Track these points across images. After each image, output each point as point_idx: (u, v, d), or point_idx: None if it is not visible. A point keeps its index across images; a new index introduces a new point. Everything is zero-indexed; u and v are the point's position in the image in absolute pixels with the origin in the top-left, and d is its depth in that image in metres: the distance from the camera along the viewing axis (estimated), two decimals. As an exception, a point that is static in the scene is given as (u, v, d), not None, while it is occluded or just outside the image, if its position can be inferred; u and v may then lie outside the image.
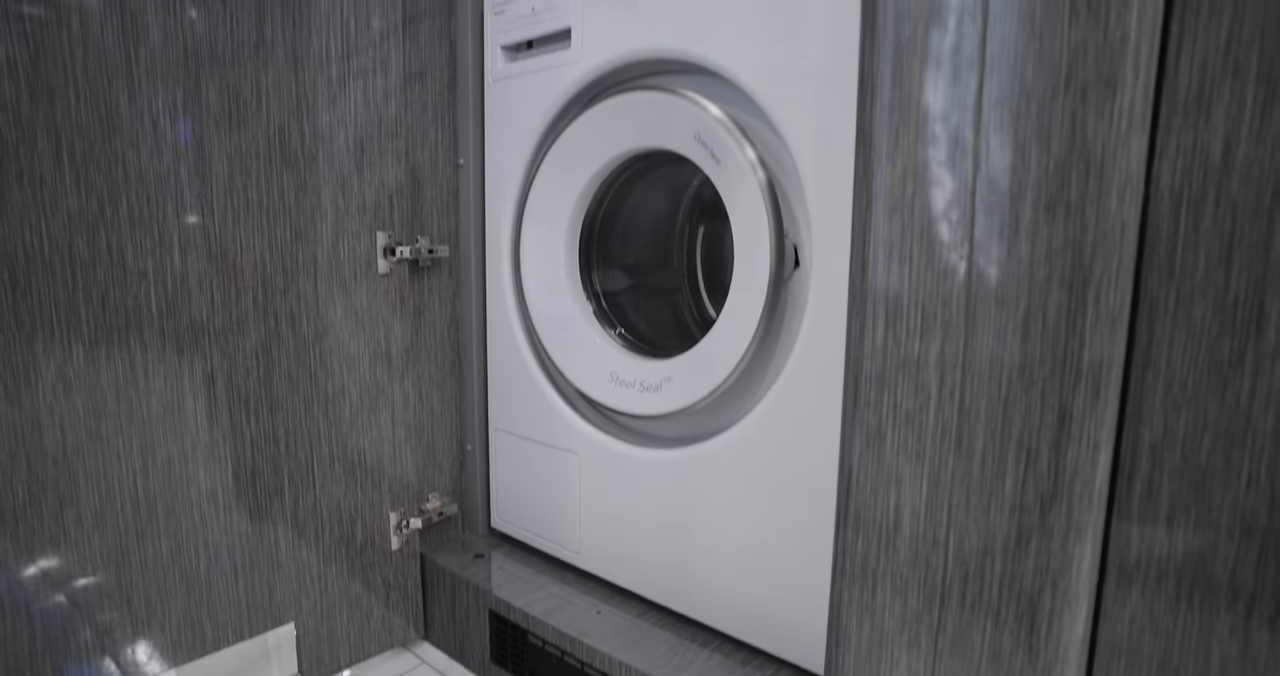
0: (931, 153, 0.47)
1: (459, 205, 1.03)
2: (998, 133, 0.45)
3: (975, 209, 0.46)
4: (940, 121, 0.47)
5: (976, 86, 0.45)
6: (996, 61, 0.44)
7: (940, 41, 0.46)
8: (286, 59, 0.82)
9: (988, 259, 0.46)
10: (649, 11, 0.79)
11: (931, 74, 0.47)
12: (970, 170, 0.46)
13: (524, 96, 0.94)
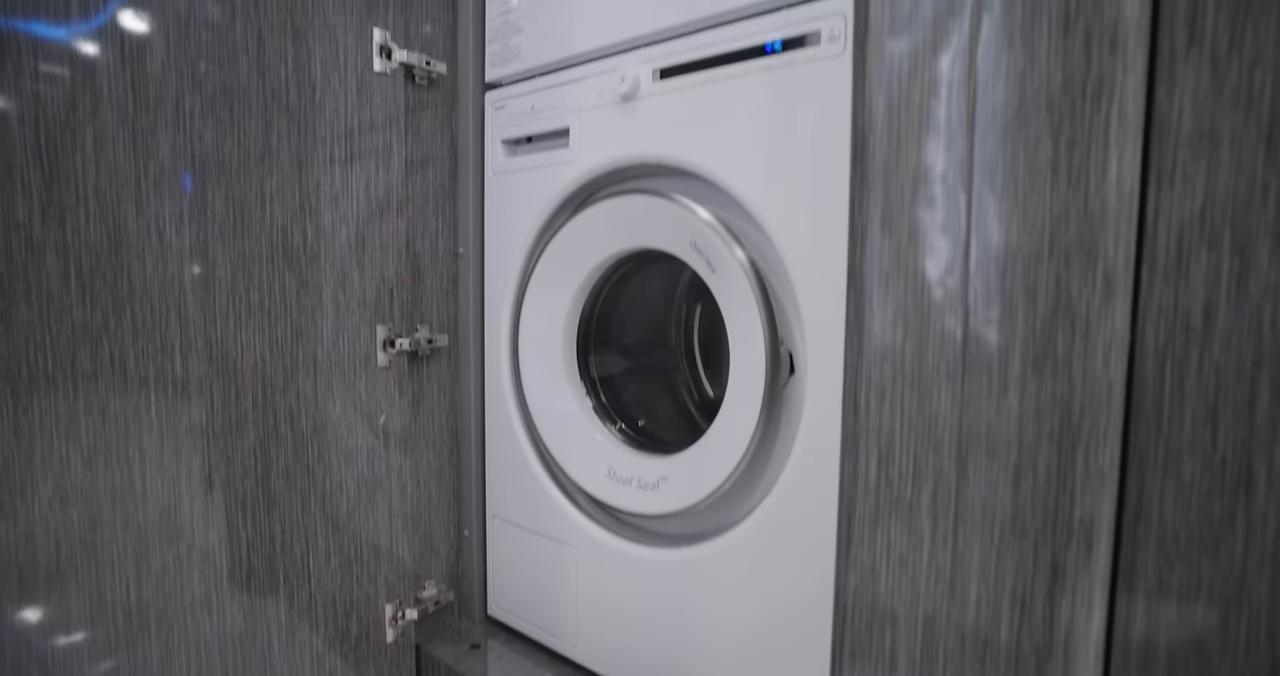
0: (922, 302, 0.48)
1: (458, 294, 1.04)
2: (985, 289, 0.46)
3: (965, 360, 0.47)
4: (930, 273, 0.48)
5: (964, 243, 0.47)
6: (983, 222, 0.46)
7: (928, 201, 0.48)
8: (291, 164, 0.84)
9: (978, 411, 0.46)
10: (645, 119, 0.81)
11: (920, 232, 0.48)
12: (960, 322, 0.47)
13: (523, 191, 0.96)
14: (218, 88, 0.78)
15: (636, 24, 0.82)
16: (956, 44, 0.46)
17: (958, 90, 0.46)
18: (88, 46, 0.69)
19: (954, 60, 0.46)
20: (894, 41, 0.48)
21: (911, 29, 0.48)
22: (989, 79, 0.45)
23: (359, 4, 0.90)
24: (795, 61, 0.69)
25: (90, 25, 0.69)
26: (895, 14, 0.49)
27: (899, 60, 0.48)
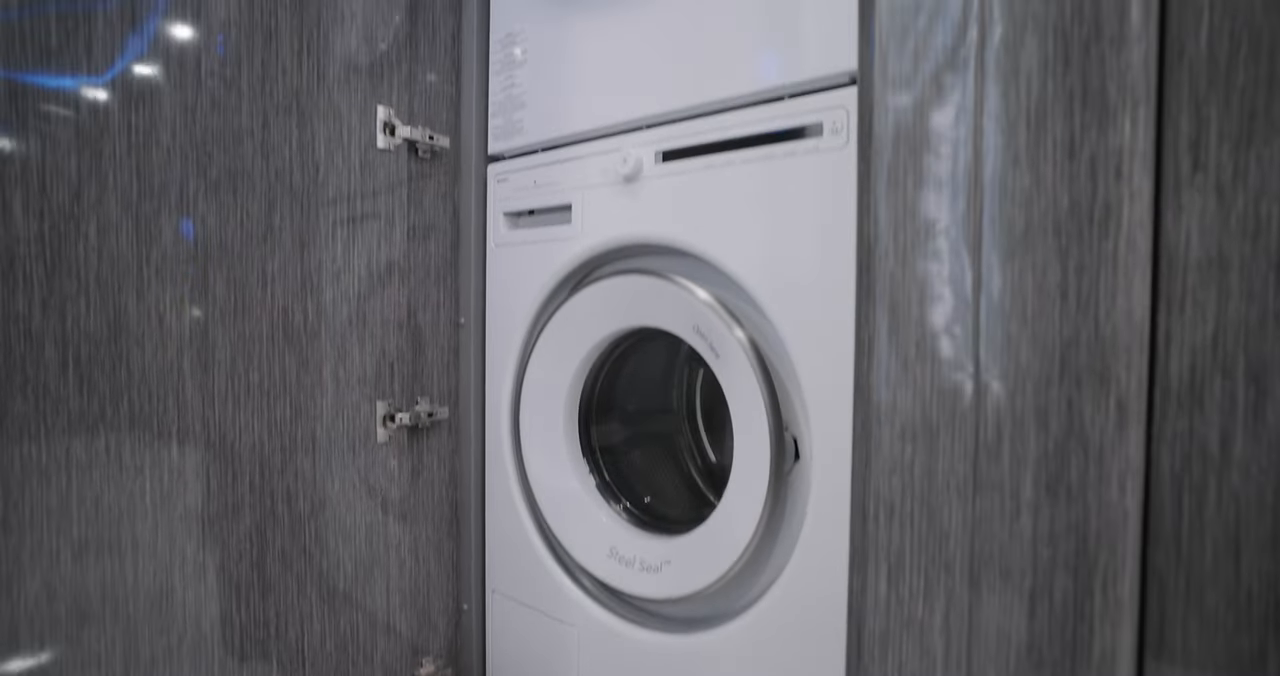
0: (930, 418, 0.47)
1: (459, 365, 1.04)
2: (995, 408, 0.45)
3: (976, 479, 0.46)
4: (939, 388, 0.47)
5: (973, 360, 0.46)
6: (991, 341, 0.45)
7: (936, 316, 0.47)
8: (294, 244, 0.84)
9: (990, 532, 0.45)
10: (647, 200, 0.81)
11: (928, 346, 0.47)
12: (970, 440, 0.46)
13: (525, 263, 0.96)
14: (222, 171, 0.78)
15: (640, 106, 0.82)
16: (963, 158, 0.46)
17: (963, 205, 0.46)
18: (96, 137, 0.69)
19: (959, 175, 0.46)
20: (898, 155, 0.48)
21: (915, 143, 0.48)
22: (994, 197, 0.45)
23: (364, 83, 0.91)
24: (797, 151, 0.69)
25: (98, 114, 0.69)
26: (899, 123, 0.49)
27: (904, 173, 0.48)
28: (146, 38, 0.72)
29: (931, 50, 0.47)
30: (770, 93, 0.72)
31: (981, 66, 0.45)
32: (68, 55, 0.67)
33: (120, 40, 0.70)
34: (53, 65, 0.66)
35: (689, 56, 0.78)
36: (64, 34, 0.67)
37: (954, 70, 0.46)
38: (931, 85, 0.47)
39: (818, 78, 0.68)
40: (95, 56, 0.69)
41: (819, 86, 0.69)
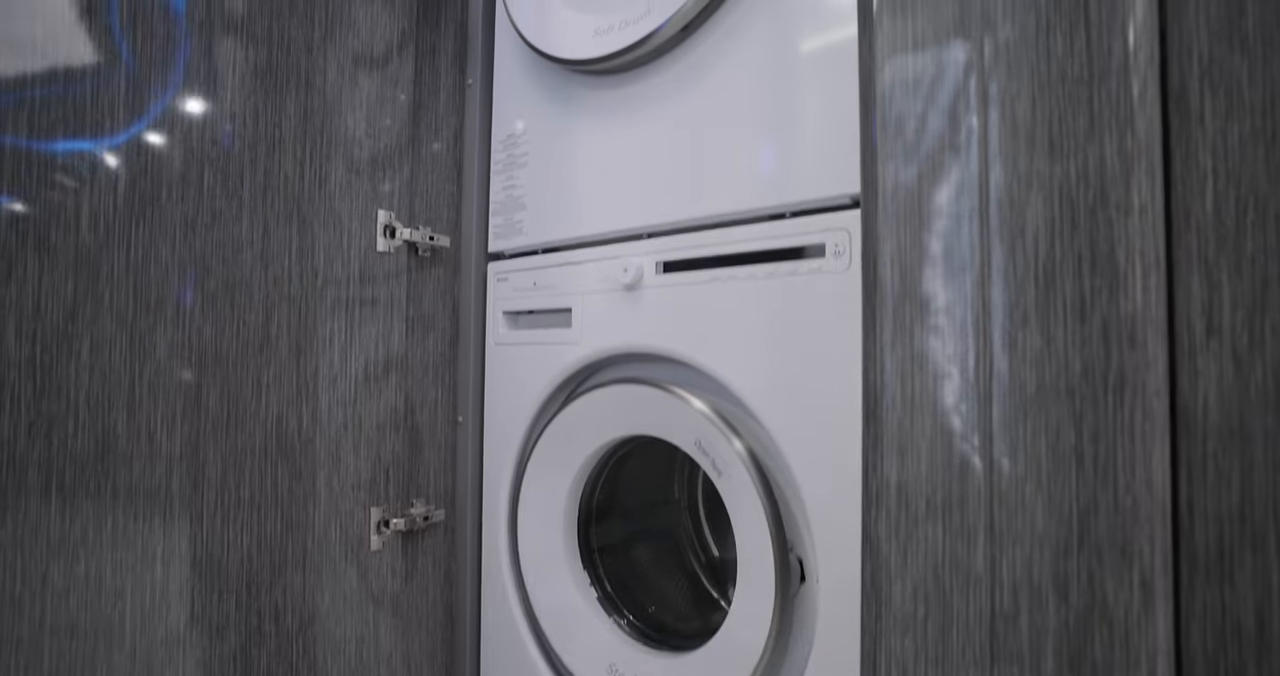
0: (943, 579, 0.45)
1: (456, 464, 1.02)
2: (1011, 574, 0.43)
3: (993, 648, 0.44)
4: (951, 548, 0.45)
5: (986, 520, 0.44)
6: (1004, 502, 0.43)
7: (946, 470, 0.46)
8: (290, 352, 0.83)
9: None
10: (647, 310, 0.80)
11: (938, 503, 0.46)
12: (985, 604, 0.44)
13: (525, 364, 0.95)
14: (220, 282, 0.78)
15: (641, 215, 0.83)
16: (970, 313, 0.45)
17: (972, 361, 0.45)
18: (95, 255, 0.69)
19: (967, 330, 0.45)
20: (904, 305, 0.47)
21: (922, 296, 0.47)
22: (1004, 355, 0.44)
23: (365, 187, 0.91)
24: (800, 271, 0.69)
25: (98, 231, 0.69)
26: (905, 274, 0.49)
27: (910, 322, 0.47)
28: (149, 154, 0.72)
29: (935, 201, 0.47)
30: (772, 210, 0.72)
31: (986, 221, 0.45)
32: (71, 174, 0.67)
33: (124, 158, 0.71)
34: (55, 187, 0.66)
35: (691, 168, 0.78)
36: (70, 158, 0.68)
37: (958, 222, 0.46)
38: (937, 239, 0.46)
39: (820, 198, 0.68)
40: (99, 175, 0.69)
41: (821, 206, 0.69)
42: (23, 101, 0.65)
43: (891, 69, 0.49)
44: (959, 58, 0.46)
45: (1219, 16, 0.41)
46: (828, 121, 0.68)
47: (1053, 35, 0.43)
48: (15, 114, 0.64)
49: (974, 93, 0.46)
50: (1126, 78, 0.41)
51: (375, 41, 0.93)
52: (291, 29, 0.84)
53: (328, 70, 0.87)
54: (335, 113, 0.88)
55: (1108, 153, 0.41)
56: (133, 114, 0.71)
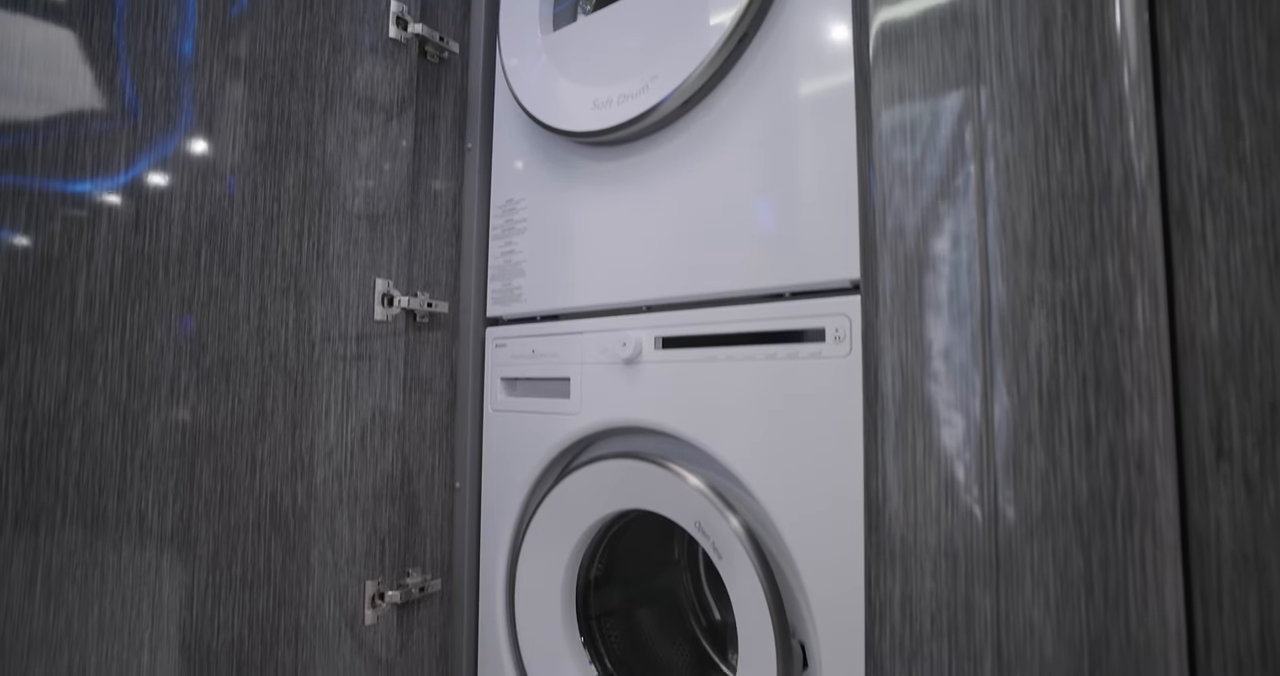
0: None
1: (453, 531, 1.00)
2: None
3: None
4: (953, 665, 0.44)
5: (994, 643, 0.43)
6: (1012, 625, 0.42)
7: (950, 591, 0.44)
8: (286, 426, 0.82)
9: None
10: (647, 385, 0.80)
11: (943, 625, 0.44)
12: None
13: (523, 432, 0.94)
14: (216, 360, 0.77)
15: (640, 289, 0.82)
16: (974, 428, 0.44)
17: (976, 479, 0.44)
18: (90, 338, 0.68)
19: (970, 445, 0.44)
20: (906, 416, 0.47)
21: (924, 408, 0.46)
22: (1008, 474, 0.43)
23: (363, 258, 0.91)
24: (800, 355, 0.68)
25: (93, 314, 0.69)
26: (907, 384, 0.48)
27: (912, 435, 0.46)
28: (147, 235, 0.72)
29: (936, 310, 0.46)
30: (771, 290, 0.72)
31: (988, 333, 0.44)
32: (67, 264, 0.67)
33: (120, 240, 0.70)
34: (50, 275, 0.66)
35: (690, 243, 0.78)
36: (66, 242, 0.67)
37: (960, 330, 0.45)
38: (940, 349, 0.45)
39: (820, 281, 0.68)
40: (96, 259, 0.69)
41: (822, 289, 0.68)
42: (19, 190, 0.65)
43: (889, 164, 0.49)
44: (961, 170, 0.46)
45: (1216, 137, 0.40)
46: (828, 204, 0.68)
47: (1052, 150, 0.43)
48: (13, 200, 0.64)
49: (973, 201, 0.45)
50: (1127, 197, 0.41)
51: (375, 111, 0.93)
52: (292, 104, 0.85)
53: (327, 141, 0.88)
54: (334, 183, 0.88)
55: (1110, 272, 0.41)
56: (132, 198, 0.71)
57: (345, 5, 0.91)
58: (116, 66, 0.71)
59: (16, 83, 0.65)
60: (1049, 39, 0.43)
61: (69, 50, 0.68)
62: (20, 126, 0.65)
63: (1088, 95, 0.42)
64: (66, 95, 0.67)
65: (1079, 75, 0.42)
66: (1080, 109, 0.42)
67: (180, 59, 0.75)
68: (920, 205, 0.47)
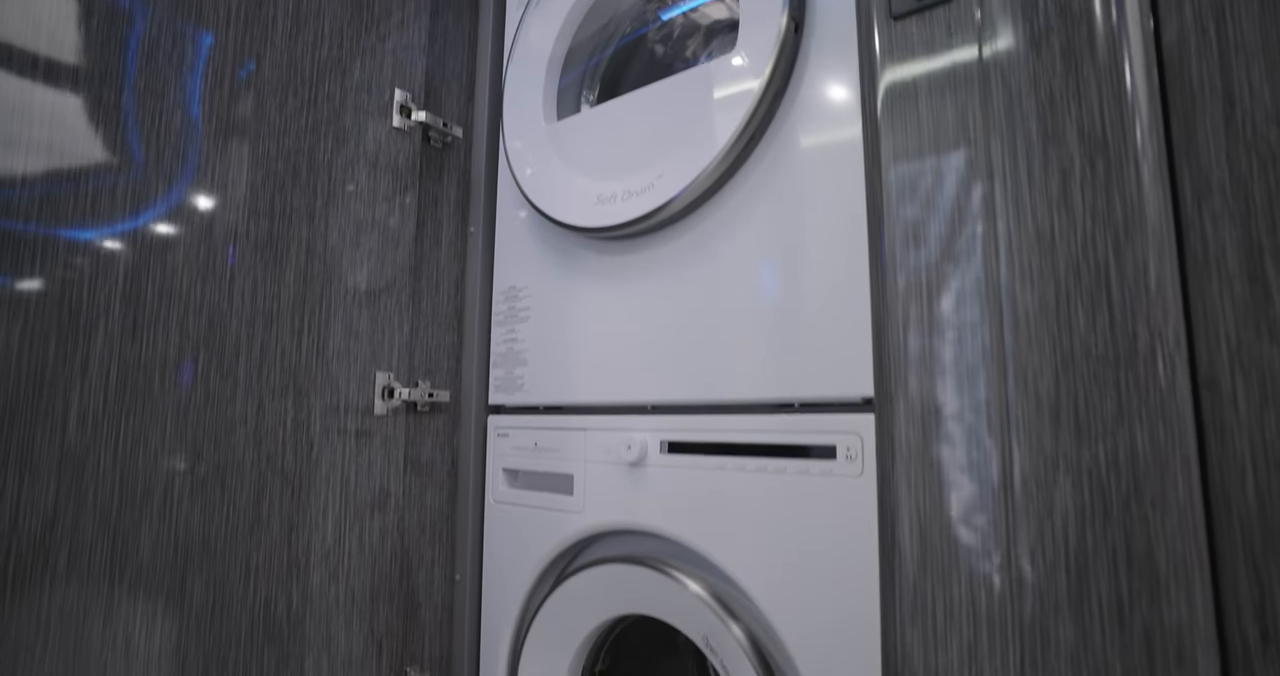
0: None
1: (453, 626, 0.97)
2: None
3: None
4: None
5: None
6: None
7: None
8: (281, 529, 0.80)
9: None
10: (652, 489, 0.78)
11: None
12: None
13: (525, 527, 0.91)
14: (211, 466, 0.75)
15: (645, 390, 0.81)
16: (998, 593, 0.42)
17: (999, 644, 0.42)
18: (81, 455, 0.66)
19: (992, 609, 0.42)
20: (925, 575, 0.44)
21: (944, 568, 0.44)
22: (1034, 651, 0.40)
23: (364, 351, 0.90)
24: (810, 471, 0.66)
25: (85, 428, 0.67)
26: (925, 541, 0.46)
27: (930, 600, 0.44)
28: (144, 343, 0.71)
29: (956, 471, 0.44)
30: (780, 399, 0.70)
31: (1009, 498, 0.42)
32: (60, 379, 0.65)
33: (115, 351, 0.69)
34: (45, 392, 0.64)
35: (695, 346, 0.77)
36: (62, 353, 0.66)
37: (980, 492, 0.43)
38: (959, 513, 0.44)
39: (831, 396, 0.66)
40: (90, 372, 0.67)
41: (832, 403, 0.67)
42: (14, 310, 0.63)
43: (903, 310, 0.48)
44: (978, 323, 0.45)
45: (1244, 299, 0.39)
46: (840, 315, 0.66)
47: (1074, 308, 0.42)
48: (7, 320, 0.63)
49: (993, 355, 0.44)
50: (1155, 364, 0.39)
51: (378, 200, 0.93)
52: (294, 199, 0.84)
53: (329, 234, 0.87)
54: (336, 275, 0.87)
55: (1139, 441, 0.39)
56: (130, 305, 0.70)
57: (349, 98, 0.91)
58: (122, 165, 0.70)
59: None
60: (1068, 192, 0.42)
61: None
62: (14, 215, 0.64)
63: (1110, 255, 0.41)
64: (67, 208, 0.67)
65: (1100, 233, 0.41)
66: (1102, 269, 0.41)
67: (183, 161, 0.75)
68: (938, 357, 0.45)
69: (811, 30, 0.72)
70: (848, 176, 0.67)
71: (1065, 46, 0.43)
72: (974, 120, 0.46)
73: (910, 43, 0.49)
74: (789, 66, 0.73)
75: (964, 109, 0.47)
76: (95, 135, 0.69)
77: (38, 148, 0.65)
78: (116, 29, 0.71)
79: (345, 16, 0.92)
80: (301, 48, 0.86)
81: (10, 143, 0.64)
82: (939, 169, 0.47)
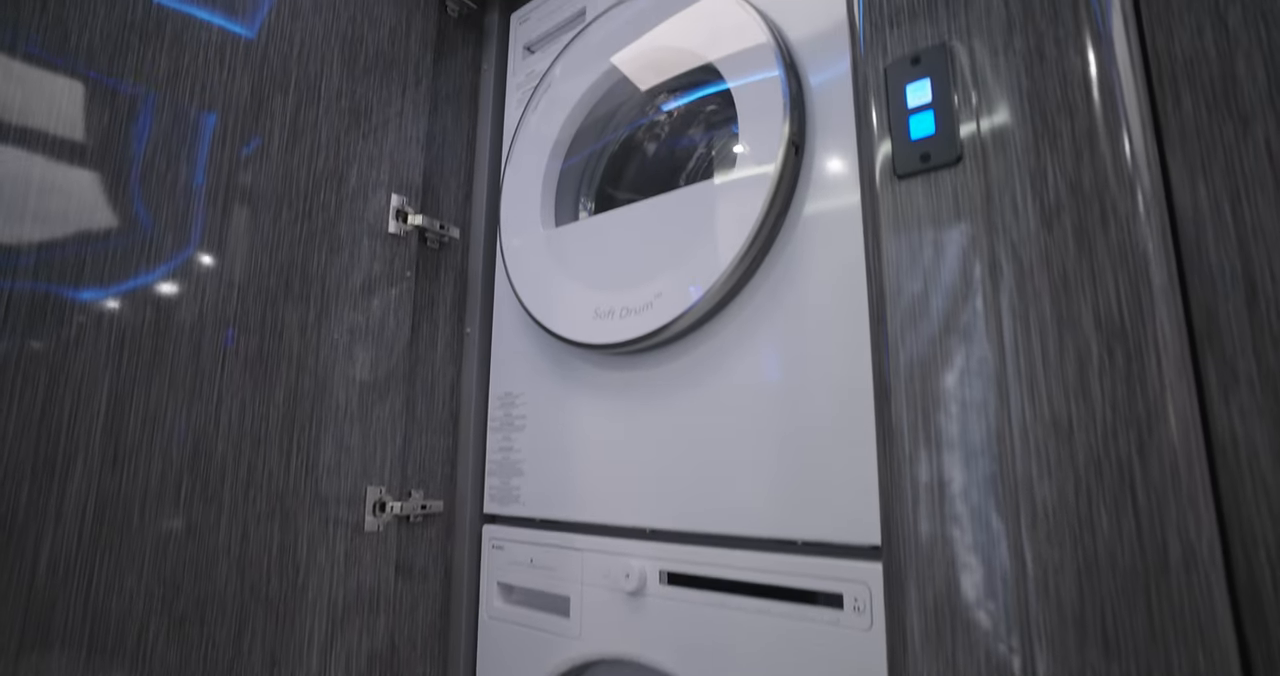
0: None
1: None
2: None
3: None
4: None
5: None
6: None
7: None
8: (264, 664, 0.76)
9: None
10: (651, 621, 0.74)
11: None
12: None
13: (520, 647, 0.87)
14: (190, 602, 0.72)
15: (644, 515, 0.78)
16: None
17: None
18: (49, 603, 0.63)
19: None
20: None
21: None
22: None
23: (355, 466, 0.87)
24: (815, 619, 0.62)
25: (57, 570, 0.64)
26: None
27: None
28: (126, 472, 0.69)
29: (973, 672, 0.41)
30: (782, 536, 0.67)
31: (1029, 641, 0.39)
32: (31, 527, 0.63)
33: (93, 487, 0.67)
34: (13, 541, 0.62)
35: (695, 473, 0.74)
36: (37, 488, 0.63)
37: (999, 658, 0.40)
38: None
39: (836, 540, 0.63)
40: (65, 511, 0.65)
41: (837, 546, 0.63)
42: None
43: (912, 494, 0.45)
44: (991, 521, 0.42)
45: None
46: (848, 455, 0.64)
47: (1095, 508, 0.39)
48: None
49: (1008, 551, 0.41)
50: (1188, 578, 0.36)
51: (372, 308, 0.91)
52: (286, 313, 0.82)
53: (320, 348, 0.85)
54: (327, 392, 0.85)
55: (1175, 666, 0.36)
56: (111, 436, 0.68)
57: (345, 206, 0.90)
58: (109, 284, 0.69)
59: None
60: (1085, 380, 0.40)
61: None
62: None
63: (1133, 454, 0.38)
64: (53, 330, 0.65)
65: (1122, 429, 0.39)
66: (1126, 468, 0.38)
67: (172, 279, 0.73)
68: (950, 542, 0.43)
69: (812, 153, 0.71)
70: (853, 304, 0.65)
71: (1078, 225, 0.42)
72: (984, 292, 0.44)
73: (915, 205, 0.48)
74: (790, 190, 0.72)
75: (970, 276, 0.45)
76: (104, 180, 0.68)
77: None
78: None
79: (343, 125, 0.91)
80: (298, 159, 0.86)
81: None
82: (945, 343, 0.45)
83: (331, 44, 0.91)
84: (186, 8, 0.77)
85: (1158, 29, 0.44)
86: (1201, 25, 0.43)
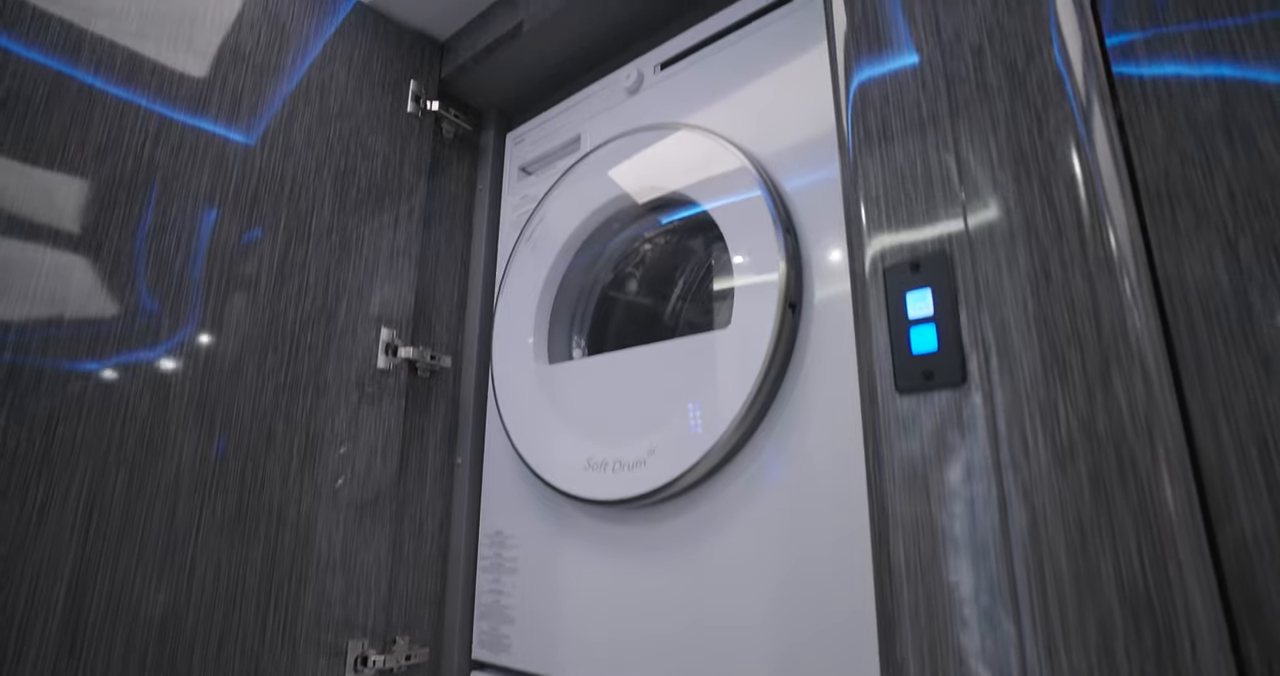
0: None
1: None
2: None
3: None
4: None
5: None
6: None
7: None
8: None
9: None
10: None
11: None
12: None
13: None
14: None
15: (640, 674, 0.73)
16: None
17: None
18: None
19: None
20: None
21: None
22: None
23: (336, 618, 0.83)
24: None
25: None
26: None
27: None
28: (80, 664, 0.64)
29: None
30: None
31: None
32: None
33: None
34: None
35: (695, 640, 0.70)
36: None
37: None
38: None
39: None
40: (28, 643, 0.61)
41: None
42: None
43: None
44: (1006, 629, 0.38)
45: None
46: (854, 632, 0.59)
47: None
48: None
49: None
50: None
51: (359, 452, 0.88)
52: (267, 466, 0.79)
53: (302, 499, 0.82)
54: (308, 544, 0.81)
55: None
56: (69, 625, 0.64)
57: (333, 345, 0.88)
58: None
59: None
60: (1110, 649, 0.37)
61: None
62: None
63: None
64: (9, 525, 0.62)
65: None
66: None
67: (145, 445, 0.71)
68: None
69: (810, 311, 0.69)
70: (855, 468, 0.62)
71: (1093, 471, 0.39)
72: (991, 527, 0.41)
73: (918, 423, 0.45)
74: (788, 350, 0.69)
75: (974, 503, 0.42)
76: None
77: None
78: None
79: (333, 259, 0.90)
80: (285, 301, 0.84)
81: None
82: (947, 578, 0.42)
83: (324, 178, 0.90)
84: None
85: (1166, 252, 0.42)
86: (1212, 251, 0.40)
